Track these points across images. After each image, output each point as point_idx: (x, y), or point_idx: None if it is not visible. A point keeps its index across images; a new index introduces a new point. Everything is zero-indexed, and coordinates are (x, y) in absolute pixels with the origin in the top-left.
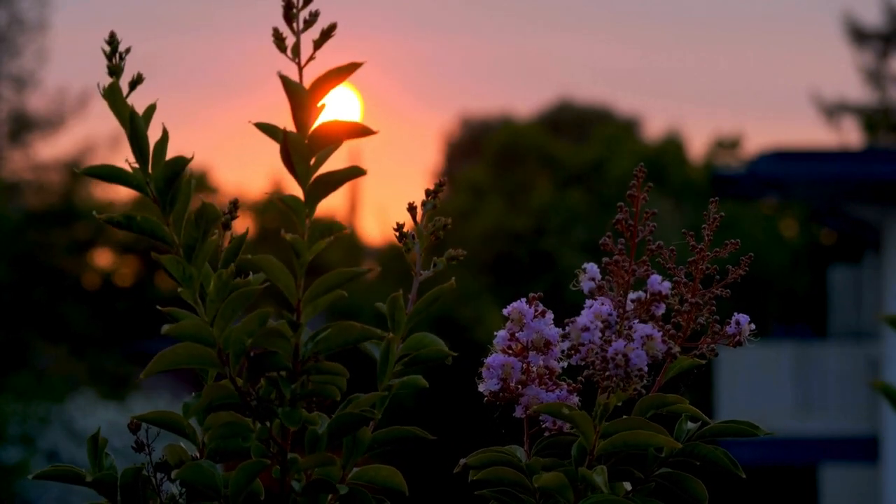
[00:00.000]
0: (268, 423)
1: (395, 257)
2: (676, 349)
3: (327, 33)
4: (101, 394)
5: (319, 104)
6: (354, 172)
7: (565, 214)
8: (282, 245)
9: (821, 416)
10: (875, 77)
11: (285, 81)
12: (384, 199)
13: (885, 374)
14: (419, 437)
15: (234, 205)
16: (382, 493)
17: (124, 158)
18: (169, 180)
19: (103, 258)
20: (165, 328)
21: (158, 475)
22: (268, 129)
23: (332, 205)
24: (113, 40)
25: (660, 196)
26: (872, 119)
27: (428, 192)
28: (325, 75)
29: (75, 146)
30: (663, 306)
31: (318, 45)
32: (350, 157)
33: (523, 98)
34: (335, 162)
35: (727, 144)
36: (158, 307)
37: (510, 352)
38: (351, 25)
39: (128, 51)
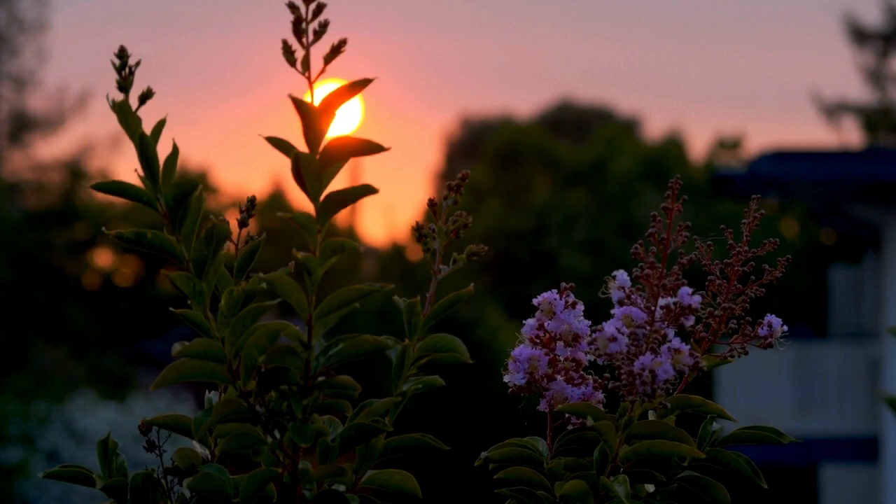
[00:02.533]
0: (278, 436)
1: (395, 256)
2: (703, 363)
3: (337, 49)
4: (101, 394)
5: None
6: (366, 191)
7: (565, 214)
8: (281, 243)
9: (821, 416)
10: (875, 77)
11: (295, 102)
12: (384, 199)
13: (885, 374)
14: (432, 445)
15: (252, 202)
16: (396, 498)
17: (133, 169)
18: (179, 199)
19: (103, 258)
20: (176, 349)
21: (169, 478)
22: (279, 145)
23: None
24: (123, 55)
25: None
26: (872, 119)
27: (449, 188)
28: (335, 93)
29: (75, 146)
30: (693, 318)
31: (328, 60)
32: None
33: (523, 98)
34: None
35: (728, 144)
36: (171, 309)
37: (537, 342)
38: (351, 25)
39: (137, 64)
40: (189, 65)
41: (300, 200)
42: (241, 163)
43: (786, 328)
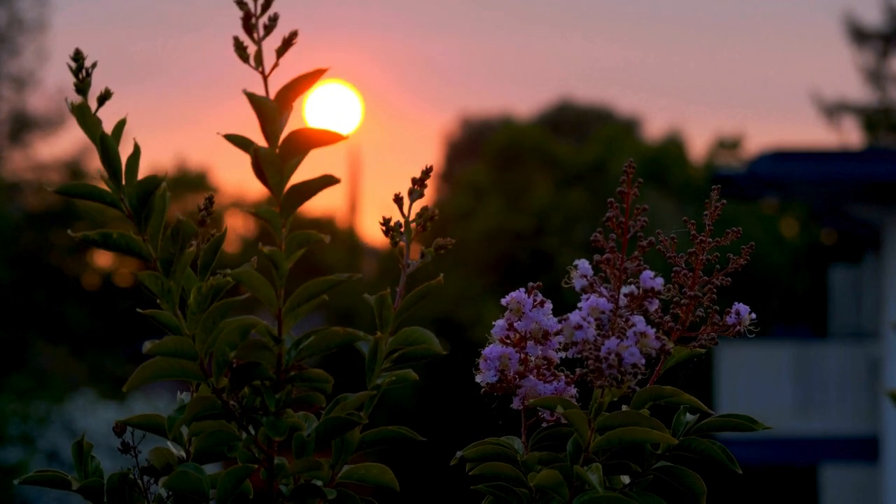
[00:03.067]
0: (253, 431)
1: (394, 256)
2: (670, 345)
3: (288, 41)
4: (101, 394)
5: (287, 112)
6: (327, 181)
7: (565, 215)
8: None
9: (821, 416)
10: (875, 77)
11: (250, 97)
12: (384, 199)
13: (885, 374)
14: (408, 437)
15: (210, 201)
16: (373, 491)
17: (97, 170)
18: (142, 198)
19: (103, 258)
20: (147, 347)
21: (145, 478)
22: (238, 142)
23: (332, 205)
24: (78, 57)
25: (661, 196)
26: (872, 119)
27: (414, 181)
28: (289, 84)
29: (75, 146)
30: (657, 301)
31: (280, 52)
32: (350, 157)
33: (523, 98)
34: (334, 160)
35: (728, 144)
36: (139, 310)
37: (508, 342)
38: (351, 25)
39: (94, 66)
40: (189, 65)
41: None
42: (241, 163)
43: (754, 315)
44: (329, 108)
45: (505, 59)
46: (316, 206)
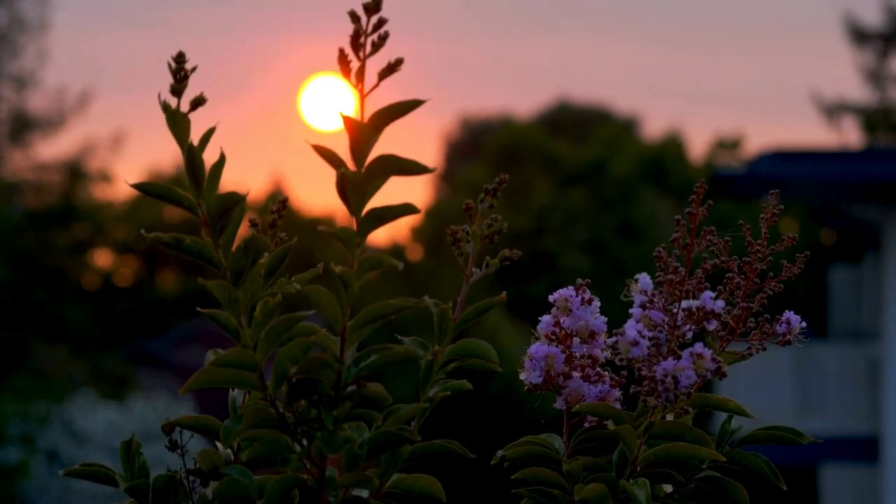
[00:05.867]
0: (306, 443)
1: (395, 257)
2: (725, 368)
3: (393, 67)
4: (101, 394)
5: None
6: (407, 210)
7: (566, 214)
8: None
9: (821, 416)
10: (875, 77)
11: (345, 119)
12: (383, 200)
13: (885, 374)
14: (459, 452)
15: (283, 204)
16: (419, 501)
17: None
18: (223, 211)
19: (103, 258)
20: (210, 358)
21: (191, 479)
22: (328, 157)
23: (332, 204)
24: (181, 59)
25: (660, 196)
26: (872, 119)
27: (487, 191)
28: (384, 110)
29: (75, 146)
30: (715, 322)
31: (382, 76)
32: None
33: (523, 98)
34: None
35: (728, 144)
36: (199, 308)
37: (553, 338)
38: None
39: (194, 69)
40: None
41: (300, 202)
42: (241, 163)
43: (804, 324)
44: (327, 102)
45: (505, 59)
46: (316, 205)
